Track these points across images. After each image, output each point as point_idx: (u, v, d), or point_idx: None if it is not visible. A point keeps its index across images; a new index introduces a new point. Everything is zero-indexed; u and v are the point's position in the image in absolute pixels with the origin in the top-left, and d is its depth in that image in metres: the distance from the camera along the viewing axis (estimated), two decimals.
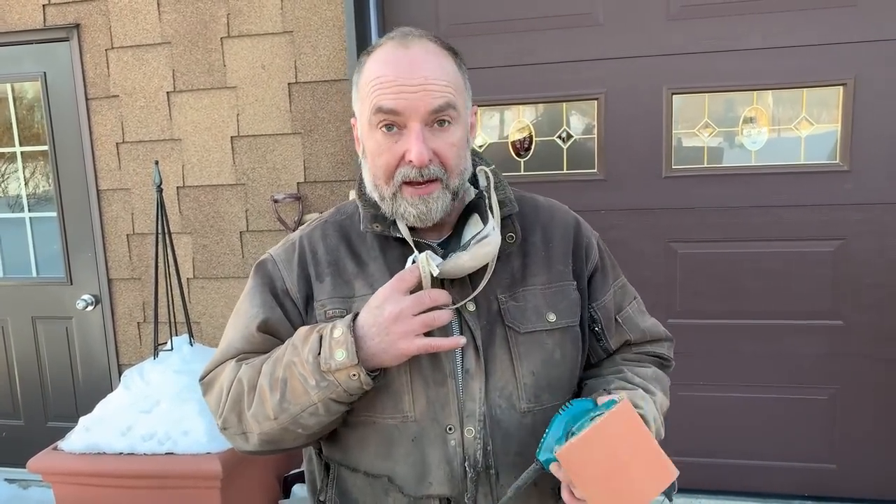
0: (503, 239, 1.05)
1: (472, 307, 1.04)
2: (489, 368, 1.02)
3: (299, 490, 2.66)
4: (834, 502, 2.67)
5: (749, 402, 2.69)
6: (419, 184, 0.99)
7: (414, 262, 0.98)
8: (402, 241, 1.05)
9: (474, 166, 1.10)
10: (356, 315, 0.96)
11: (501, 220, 1.05)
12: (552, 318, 1.07)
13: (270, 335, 1.08)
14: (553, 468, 0.92)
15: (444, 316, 0.93)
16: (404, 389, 1.01)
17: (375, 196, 1.04)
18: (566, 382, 1.09)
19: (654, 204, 2.66)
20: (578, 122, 2.72)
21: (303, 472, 2.69)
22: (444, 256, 1.02)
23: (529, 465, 0.98)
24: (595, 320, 1.15)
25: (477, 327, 1.03)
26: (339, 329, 0.94)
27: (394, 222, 1.05)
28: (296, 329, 1.05)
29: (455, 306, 1.01)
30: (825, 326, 2.61)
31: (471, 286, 1.05)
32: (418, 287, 0.97)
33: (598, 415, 0.88)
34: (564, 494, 0.95)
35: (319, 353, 0.94)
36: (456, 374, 1.02)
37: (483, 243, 1.00)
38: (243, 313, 1.10)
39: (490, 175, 1.07)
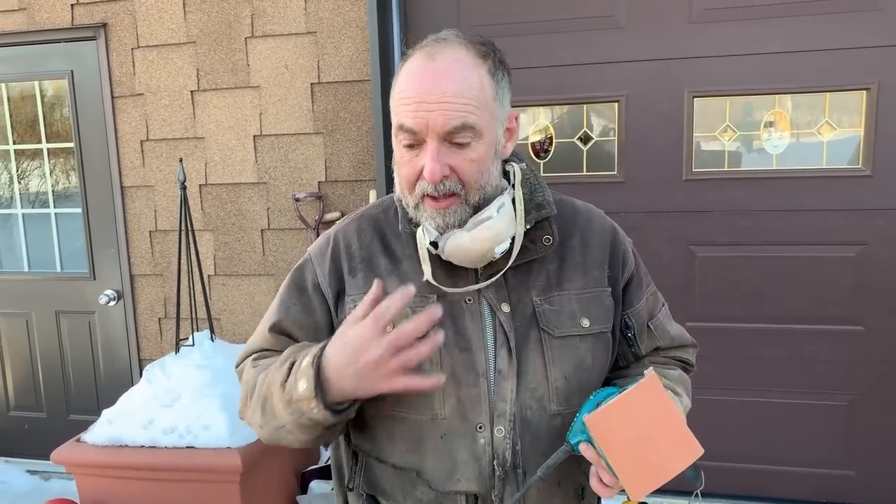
0: (539, 241, 1.06)
1: (506, 308, 1.04)
2: (521, 370, 1.03)
3: (317, 486, 2.68)
4: None
5: (768, 407, 2.68)
6: (436, 198, 0.99)
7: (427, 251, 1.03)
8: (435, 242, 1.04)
9: (507, 163, 1.11)
10: (326, 346, 0.94)
11: (538, 221, 1.05)
12: (586, 323, 1.07)
13: (284, 335, 1.12)
14: (583, 448, 0.94)
15: (424, 350, 0.89)
16: (435, 389, 1.00)
17: (404, 202, 1.06)
18: (595, 385, 1.10)
19: (673, 207, 2.66)
20: (598, 123, 2.72)
21: (321, 468, 2.72)
22: (480, 273, 1.04)
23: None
24: (629, 326, 1.15)
25: (511, 328, 1.03)
26: (307, 360, 0.93)
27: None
28: (315, 325, 1.10)
29: (462, 290, 1.03)
30: (845, 332, 2.60)
31: (506, 287, 1.05)
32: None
33: (627, 388, 0.90)
34: (593, 481, 0.96)
35: (286, 380, 0.95)
36: (488, 374, 1.02)
37: (484, 226, 0.99)
38: (268, 310, 1.16)
39: (518, 171, 1.08)
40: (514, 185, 1.07)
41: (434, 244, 1.02)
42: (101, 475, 2.43)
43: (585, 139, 2.73)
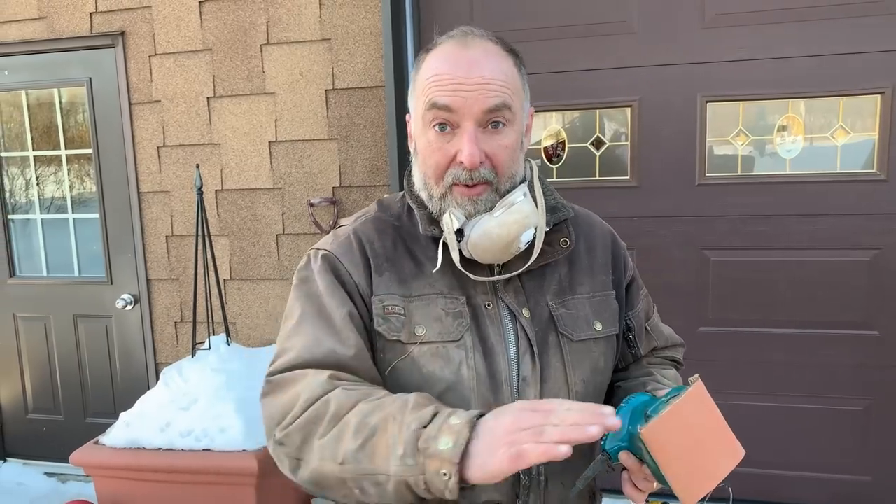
0: (557, 243, 1.06)
1: (526, 313, 1.03)
2: (543, 375, 1.01)
3: None
4: None
5: (782, 412, 2.68)
6: (468, 186, 0.98)
7: (445, 245, 1.00)
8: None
9: None
10: (482, 414, 0.82)
11: (556, 224, 1.06)
12: (599, 327, 1.08)
13: (358, 330, 0.99)
14: (622, 456, 0.93)
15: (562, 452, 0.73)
16: (472, 393, 0.98)
17: (424, 195, 1.04)
18: (604, 388, 1.11)
19: (687, 211, 2.66)
20: (611, 128, 2.73)
21: None
22: (497, 273, 1.03)
23: (574, 470, 0.98)
24: (630, 328, 1.17)
25: (533, 334, 1.02)
26: (460, 419, 0.79)
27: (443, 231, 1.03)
28: (364, 323, 1.01)
29: (489, 279, 1.01)
30: (860, 337, 2.59)
31: (524, 291, 1.04)
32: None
33: (674, 397, 0.90)
34: (626, 487, 0.95)
35: (426, 427, 0.80)
36: (511, 380, 1.00)
37: (512, 209, 0.97)
38: (329, 310, 1.00)
39: (534, 167, 1.09)
40: (530, 180, 1.07)
41: (458, 234, 0.99)
42: (118, 477, 2.46)
43: (598, 144, 2.74)
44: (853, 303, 2.58)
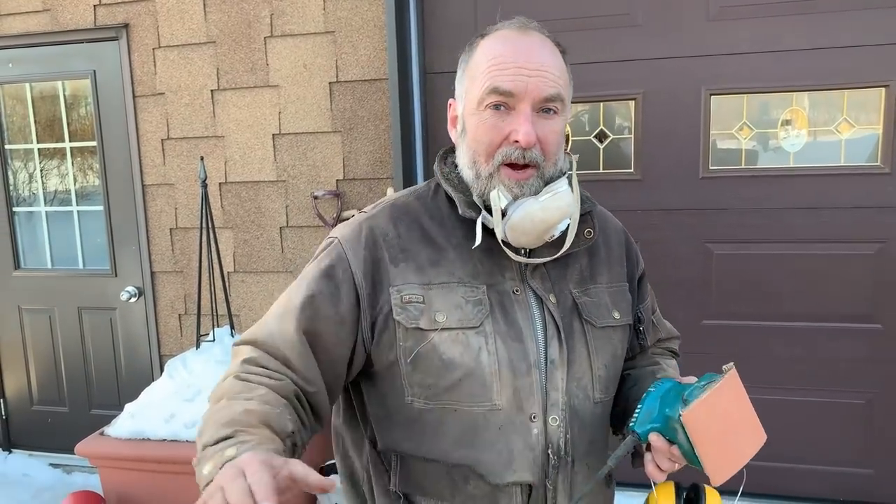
0: (581, 234, 1.08)
1: (553, 299, 1.06)
2: (570, 359, 1.05)
3: (337, 480, 2.70)
4: None
5: (785, 405, 2.68)
6: (518, 167, 1.01)
7: (483, 226, 1.02)
8: (491, 231, 1.03)
9: None
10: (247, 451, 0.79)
11: (581, 215, 1.07)
12: (617, 315, 1.11)
13: (310, 335, 1.01)
14: (652, 437, 0.95)
15: None
16: (493, 378, 1.00)
17: (471, 174, 1.05)
18: (619, 375, 1.15)
19: (690, 204, 2.66)
20: (615, 121, 2.73)
21: None
22: (528, 256, 1.06)
23: (599, 451, 1.01)
24: (640, 320, 1.21)
25: (560, 318, 1.05)
26: (232, 451, 0.79)
27: (481, 210, 1.04)
28: (338, 316, 1.01)
29: (524, 260, 1.03)
30: (864, 330, 2.59)
31: (549, 278, 1.07)
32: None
33: (710, 382, 0.93)
34: (649, 467, 0.97)
35: (212, 444, 0.83)
36: (539, 363, 1.03)
37: (557, 196, 1.01)
38: (287, 301, 1.04)
39: (573, 160, 1.10)
40: (569, 173, 1.09)
41: (502, 213, 1.01)
42: (123, 468, 2.47)
43: (602, 137, 2.74)
44: (857, 296, 2.58)
